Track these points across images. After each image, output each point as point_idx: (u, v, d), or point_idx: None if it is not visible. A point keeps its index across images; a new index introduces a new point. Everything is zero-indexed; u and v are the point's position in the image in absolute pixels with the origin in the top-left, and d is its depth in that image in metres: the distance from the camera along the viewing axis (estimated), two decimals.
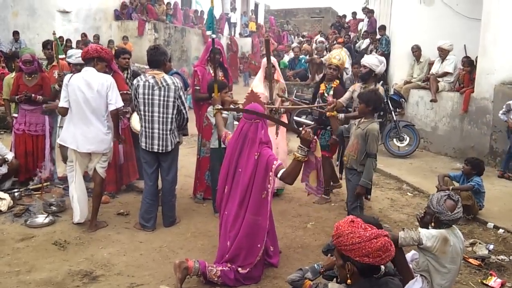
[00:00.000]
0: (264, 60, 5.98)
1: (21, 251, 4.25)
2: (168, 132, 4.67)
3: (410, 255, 3.52)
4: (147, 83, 4.61)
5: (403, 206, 5.86)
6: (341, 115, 5.08)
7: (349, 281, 2.32)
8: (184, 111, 4.73)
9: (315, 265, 3.20)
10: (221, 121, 4.28)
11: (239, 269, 3.65)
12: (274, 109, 5.44)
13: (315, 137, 3.51)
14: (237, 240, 3.64)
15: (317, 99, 5.93)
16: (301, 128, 3.47)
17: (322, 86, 5.89)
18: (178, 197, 5.27)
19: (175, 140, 4.77)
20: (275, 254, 4.08)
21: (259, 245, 3.65)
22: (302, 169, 3.57)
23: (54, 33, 6.12)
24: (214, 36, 4.85)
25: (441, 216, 3.13)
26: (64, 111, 4.69)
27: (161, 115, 4.63)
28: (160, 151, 4.69)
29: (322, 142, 5.69)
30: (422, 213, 3.38)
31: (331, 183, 6.18)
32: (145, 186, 4.90)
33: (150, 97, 4.60)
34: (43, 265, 3.98)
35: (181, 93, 4.68)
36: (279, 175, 3.51)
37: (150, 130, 4.66)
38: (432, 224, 3.25)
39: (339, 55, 5.74)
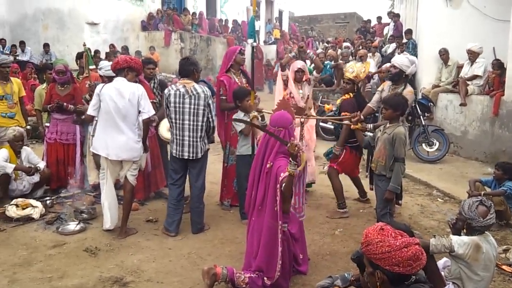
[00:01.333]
0: (295, 63, 6.13)
1: (53, 257, 4.34)
2: (198, 139, 4.74)
3: (441, 262, 3.46)
4: (178, 92, 4.69)
5: (434, 213, 5.75)
6: (370, 126, 5.03)
7: None
8: (211, 119, 4.81)
9: (346, 274, 3.16)
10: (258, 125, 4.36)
11: (265, 279, 3.63)
12: (302, 119, 5.49)
13: (302, 150, 3.34)
14: (260, 250, 3.63)
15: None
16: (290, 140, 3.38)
17: (338, 101, 5.85)
18: (205, 204, 5.30)
19: (205, 147, 4.84)
20: (304, 262, 4.05)
21: (274, 259, 3.59)
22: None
23: (84, 45, 6.28)
24: (255, 44, 4.94)
25: (473, 223, 3.06)
26: (91, 119, 4.79)
27: (191, 123, 4.70)
28: (190, 158, 4.76)
29: (330, 149, 5.69)
30: (454, 219, 3.32)
31: (360, 198, 6.12)
32: (169, 192, 4.99)
33: (181, 105, 4.69)
34: (74, 271, 4.05)
35: (210, 101, 4.76)
36: (282, 187, 3.42)
37: (181, 138, 4.74)
38: (464, 230, 3.19)
39: (352, 68, 5.56)
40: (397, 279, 2.20)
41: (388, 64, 12.32)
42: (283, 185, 3.36)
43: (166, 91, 4.84)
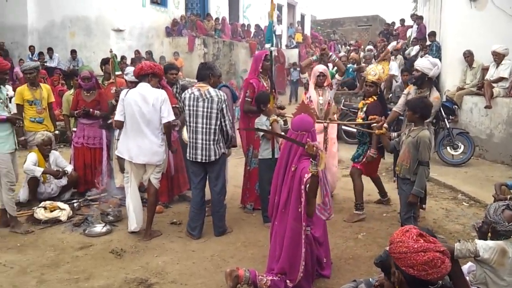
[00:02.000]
0: (316, 68, 6.09)
1: (80, 259, 4.44)
2: (212, 143, 4.77)
3: (466, 267, 3.42)
4: (192, 95, 4.77)
5: (459, 217, 5.67)
6: (394, 134, 5.02)
7: None
8: (224, 124, 4.81)
9: (370, 279, 3.14)
10: (279, 129, 4.39)
11: (288, 281, 3.64)
12: (324, 124, 5.50)
13: (320, 149, 3.30)
14: (283, 252, 3.63)
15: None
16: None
17: (360, 104, 5.73)
18: (228, 207, 5.35)
19: (220, 150, 4.84)
20: (327, 265, 4.05)
21: (297, 261, 3.59)
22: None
23: (111, 51, 6.41)
24: (273, 48, 4.98)
25: (498, 227, 3.02)
26: (120, 124, 4.89)
27: (204, 126, 4.75)
28: (203, 161, 4.80)
29: (354, 153, 5.67)
30: (479, 223, 3.28)
31: (380, 198, 6.10)
32: (192, 196, 5.05)
33: (194, 108, 4.75)
34: (100, 272, 4.13)
35: (224, 106, 4.77)
36: (306, 188, 3.43)
37: (194, 141, 4.81)
38: (489, 235, 3.15)
39: (375, 70, 5.51)
40: (414, 282, 2.21)
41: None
42: (307, 186, 3.36)
43: (183, 94, 4.93)
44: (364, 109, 5.46)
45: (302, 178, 3.43)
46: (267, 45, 5.24)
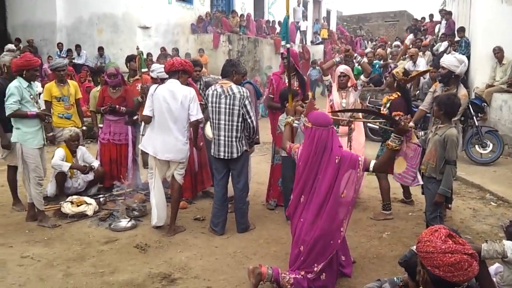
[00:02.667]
0: (337, 68, 5.88)
1: (105, 253, 4.51)
2: (234, 139, 4.78)
3: (494, 268, 3.34)
4: (215, 92, 4.79)
5: (486, 217, 5.55)
6: (421, 133, 4.92)
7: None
8: (249, 120, 4.79)
9: (395, 278, 3.10)
10: (288, 134, 4.28)
11: (315, 268, 3.59)
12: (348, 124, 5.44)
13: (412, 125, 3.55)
14: (311, 242, 3.58)
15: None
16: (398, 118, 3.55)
17: (385, 99, 5.56)
18: (251, 204, 5.35)
19: (242, 147, 4.84)
20: (347, 264, 4.01)
21: (331, 242, 3.59)
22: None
23: (137, 48, 6.47)
24: (288, 45, 4.92)
25: None
26: (148, 119, 4.94)
27: (227, 122, 4.76)
28: (226, 158, 4.82)
29: (379, 152, 5.51)
30: (508, 223, 3.20)
31: (404, 199, 6.01)
32: (214, 192, 5.08)
33: (217, 105, 4.77)
34: (125, 267, 4.19)
35: (247, 102, 4.75)
36: (371, 167, 3.55)
37: (217, 137, 4.83)
38: None
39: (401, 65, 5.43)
40: (439, 283, 2.18)
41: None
42: (373, 161, 3.58)
43: (206, 91, 4.96)
44: (388, 105, 5.35)
45: (355, 162, 3.55)
46: (282, 42, 5.17)
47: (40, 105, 5.43)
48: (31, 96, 5.16)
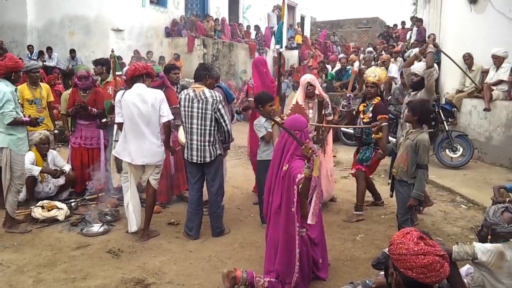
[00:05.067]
0: (304, 78, 5.81)
1: (77, 258, 4.42)
2: (207, 144, 4.76)
3: (464, 269, 3.41)
4: (187, 96, 4.76)
5: (457, 219, 5.67)
6: (392, 141, 5.02)
7: None
8: (223, 124, 4.78)
9: (367, 281, 3.14)
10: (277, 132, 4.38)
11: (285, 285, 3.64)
12: (320, 128, 5.46)
13: (316, 154, 3.22)
14: (278, 255, 3.62)
15: (358, 119, 5.68)
16: (305, 141, 3.35)
17: (361, 107, 5.62)
18: (226, 208, 5.34)
19: (216, 151, 4.82)
20: (323, 267, 4.03)
21: (292, 263, 3.58)
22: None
23: (112, 51, 6.39)
24: (281, 50, 4.94)
25: (497, 228, 3.02)
26: (122, 126, 4.89)
27: (199, 127, 4.74)
28: (198, 162, 4.80)
29: (361, 156, 5.57)
30: (479, 226, 3.28)
31: (374, 200, 6.10)
32: (189, 196, 5.05)
33: (189, 109, 4.74)
34: (97, 272, 4.12)
35: (220, 106, 4.74)
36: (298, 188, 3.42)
37: (190, 141, 4.81)
38: (489, 237, 3.14)
39: (374, 72, 5.49)
40: (411, 284, 2.21)
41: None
42: (300, 186, 3.35)
43: (179, 95, 4.93)
44: (371, 109, 5.43)
45: (295, 178, 3.41)
46: (277, 46, 5.19)
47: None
48: (18, 100, 5.03)
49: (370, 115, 5.38)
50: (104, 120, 6.24)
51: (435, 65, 5.76)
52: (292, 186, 3.46)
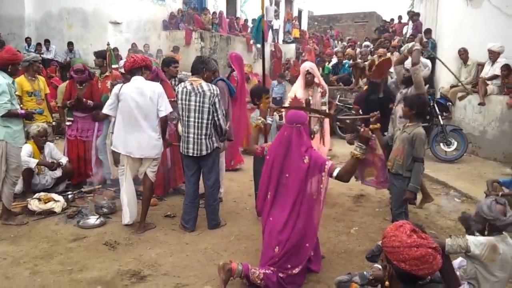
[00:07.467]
0: (303, 66, 5.93)
1: (74, 250, 4.45)
2: (203, 137, 4.77)
3: (457, 262, 3.46)
4: (185, 89, 4.77)
5: (450, 212, 5.71)
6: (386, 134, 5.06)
7: (387, 283, 2.33)
8: (216, 118, 4.78)
9: (365, 272, 3.17)
10: (256, 136, 4.30)
11: (290, 270, 3.66)
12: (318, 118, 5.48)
13: (374, 135, 3.50)
14: (288, 244, 3.64)
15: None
16: (359, 127, 3.53)
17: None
18: (222, 201, 5.36)
19: (212, 145, 4.84)
20: (316, 259, 4.06)
21: (307, 245, 3.68)
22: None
23: (108, 44, 6.39)
24: (258, 46, 4.94)
25: (497, 222, 3.04)
26: (104, 117, 4.87)
27: (196, 120, 4.75)
28: (194, 155, 4.81)
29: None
30: (467, 215, 3.34)
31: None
32: (185, 189, 5.07)
33: (187, 102, 4.76)
34: (94, 264, 4.15)
35: (216, 100, 4.75)
36: (334, 174, 3.57)
37: (186, 135, 4.82)
38: (486, 231, 3.18)
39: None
40: (405, 277, 2.25)
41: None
42: (337, 169, 3.57)
43: (176, 88, 4.93)
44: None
45: (322, 166, 3.59)
46: (252, 41, 5.19)
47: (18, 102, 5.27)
48: (16, 93, 5.04)
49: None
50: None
51: (428, 61, 5.79)
52: (319, 175, 3.61)
